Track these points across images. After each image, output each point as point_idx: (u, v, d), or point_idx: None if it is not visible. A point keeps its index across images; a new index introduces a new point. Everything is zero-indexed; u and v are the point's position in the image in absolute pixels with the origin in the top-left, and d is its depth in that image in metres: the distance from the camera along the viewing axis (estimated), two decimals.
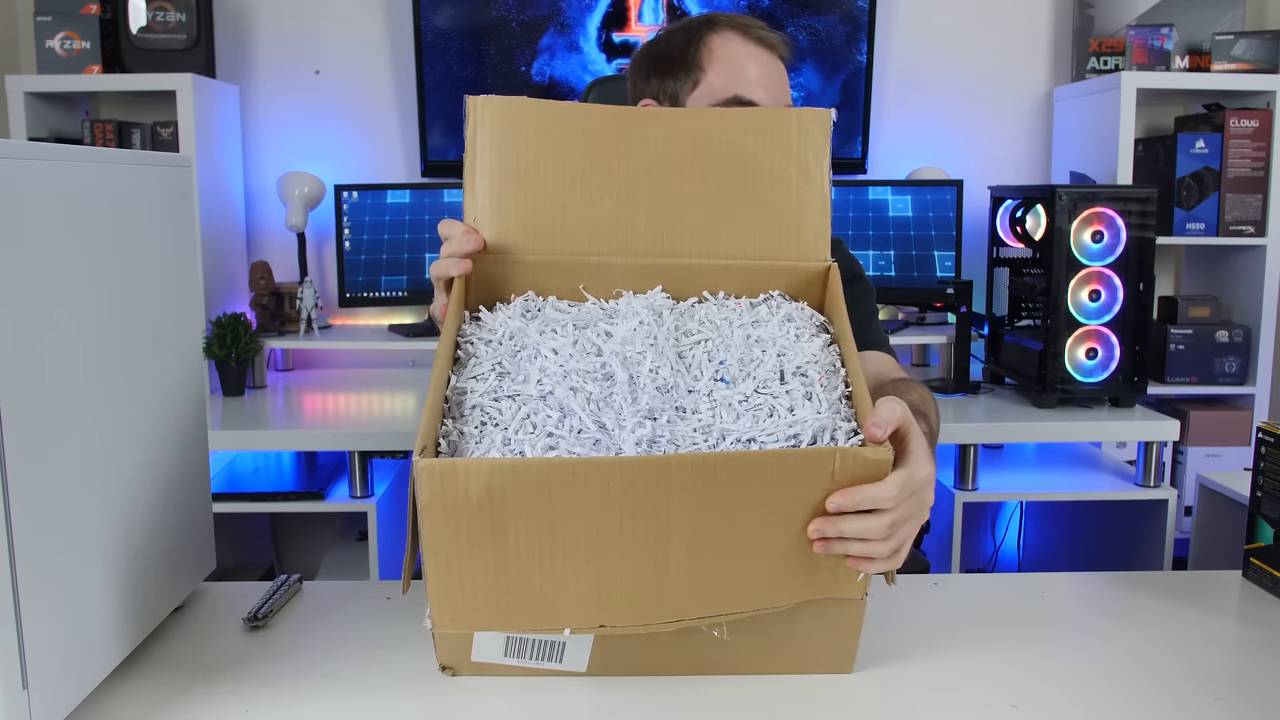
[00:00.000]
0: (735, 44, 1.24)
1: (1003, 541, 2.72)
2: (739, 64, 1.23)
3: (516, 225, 0.96)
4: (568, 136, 0.96)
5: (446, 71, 2.61)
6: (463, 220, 0.97)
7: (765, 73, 1.23)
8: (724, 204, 0.97)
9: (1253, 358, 2.53)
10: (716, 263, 0.97)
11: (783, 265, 0.97)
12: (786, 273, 0.97)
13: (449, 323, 0.90)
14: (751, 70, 1.22)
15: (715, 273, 0.97)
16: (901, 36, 2.75)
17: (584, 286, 0.96)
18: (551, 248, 0.96)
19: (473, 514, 0.75)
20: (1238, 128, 2.49)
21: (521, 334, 0.90)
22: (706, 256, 0.97)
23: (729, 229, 0.97)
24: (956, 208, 2.60)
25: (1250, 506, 1.11)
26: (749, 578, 0.80)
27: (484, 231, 0.95)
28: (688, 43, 1.26)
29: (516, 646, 0.85)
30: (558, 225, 0.96)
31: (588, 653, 0.86)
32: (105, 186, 0.85)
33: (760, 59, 1.23)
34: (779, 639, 0.87)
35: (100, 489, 0.84)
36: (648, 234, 0.96)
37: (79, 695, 0.81)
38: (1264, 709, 0.84)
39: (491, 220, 0.96)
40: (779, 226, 0.97)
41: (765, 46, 1.24)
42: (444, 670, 0.88)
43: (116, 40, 2.44)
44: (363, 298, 2.59)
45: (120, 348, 0.87)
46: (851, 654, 0.89)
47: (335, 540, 2.56)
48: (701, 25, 1.26)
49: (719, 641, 0.85)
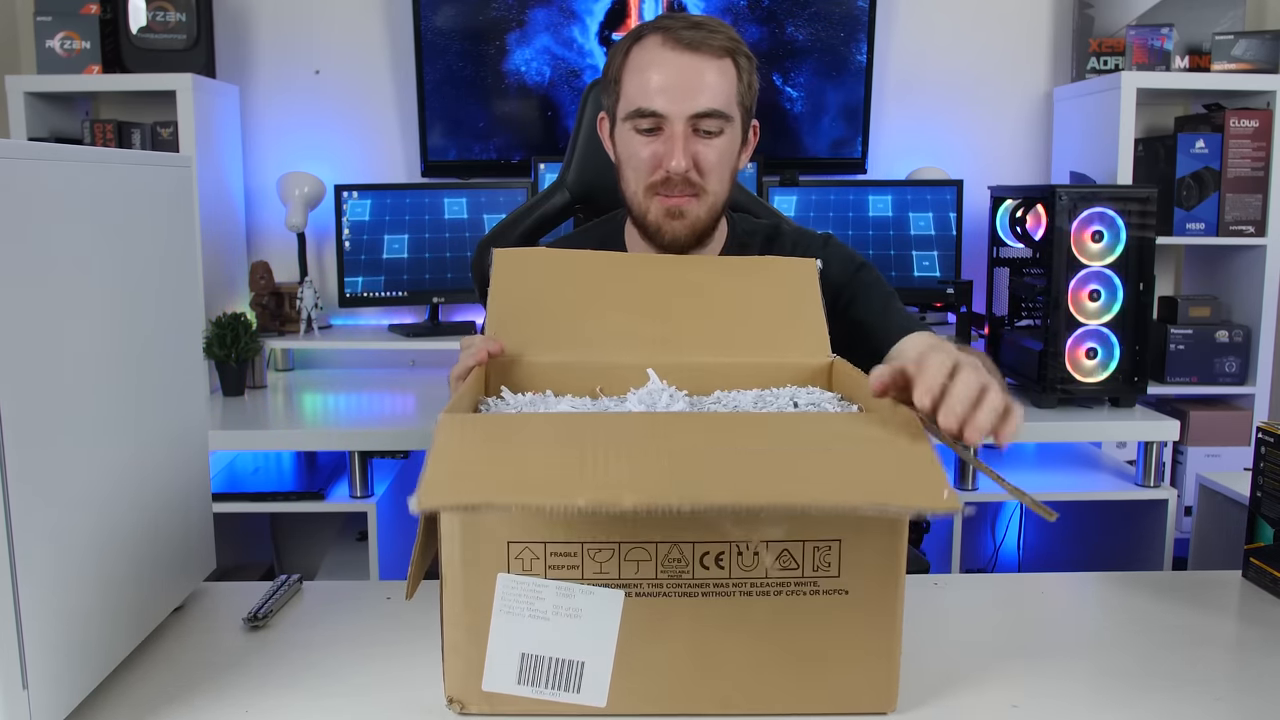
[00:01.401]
0: (650, 52, 1.18)
1: (1003, 542, 2.72)
2: (644, 74, 1.18)
3: (533, 338, 1.03)
4: (580, 274, 1.07)
5: (446, 71, 2.61)
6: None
7: (676, 77, 1.16)
8: (725, 318, 1.06)
9: (1253, 358, 2.53)
10: (726, 360, 1.03)
11: (787, 362, 1.03)
12: (792, 369, 1.03)
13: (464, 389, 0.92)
14: (655, 79, 1.17)
15: (725, 370, 1.03)
16: (901, 36, 2.75)
17: (600, 388, 1.01)
18: (567, 355, 1.02)
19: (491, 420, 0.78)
20: (1238, 128, 2.49)
21: (542, 401, 0.95)
22: (715, 355, 1.03)
23: (733, 335, 1.05)
24: (956, 208, 2.60)
25: (1250, 506, 1.11)
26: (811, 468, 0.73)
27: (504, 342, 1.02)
28: (614, 56, 1.23)
29: (531, 672, 0.80)
30: (573, 336, 1.04)
31: (608, 682, 0.80)
32: (105, 186, 0.85)
33: (673, 64, 1.16)
34: (811, 670, 0.81)
35: (100, 489, 0.84)
36: (657, 341, 1.04)
37: (79, 695, 0.81)
38: (1264, 709, 0.84)
39: (509, 336, 1.03)
40: (780, 332, 1.06)
41: (687, 48, 1.16)
42: (451, 705, 0.81)
43: (116, 40, 2.44)
44: (363, 298, 2.59)
45: (120, 347, 0.87)
46: (893, 686, 0.82)
47: (335, 540, 2.56)
48: (630, 36, 1.22)
49: (747, 673, 0.80)
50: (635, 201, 1.24)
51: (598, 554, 0.78)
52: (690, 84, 1.16)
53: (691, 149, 1.18)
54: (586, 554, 0.78)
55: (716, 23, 1.20)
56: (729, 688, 0.81)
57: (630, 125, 1.20)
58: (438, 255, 2.60)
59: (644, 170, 1.20)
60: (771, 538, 0.78)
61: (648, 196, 1.22)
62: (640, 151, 1.20)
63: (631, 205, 1.25)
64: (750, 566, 0.79)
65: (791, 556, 0.79)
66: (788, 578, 0.79)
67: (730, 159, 1.23)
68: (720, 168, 1.21)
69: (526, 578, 0.78)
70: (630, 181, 1.23)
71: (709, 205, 1.22)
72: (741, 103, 1.21)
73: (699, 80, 1.16)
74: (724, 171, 1.22)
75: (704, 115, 1.17)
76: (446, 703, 0.82)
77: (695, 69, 1.16)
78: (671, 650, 0.80)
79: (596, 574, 0.78)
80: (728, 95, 1.18)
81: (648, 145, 1.19)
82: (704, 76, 1.17)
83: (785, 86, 2.67)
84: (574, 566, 0.78)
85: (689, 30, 1.17)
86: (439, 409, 0.79)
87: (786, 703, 0.82)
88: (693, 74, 1.16)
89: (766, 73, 2.65)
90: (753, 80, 1.23)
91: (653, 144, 1.19)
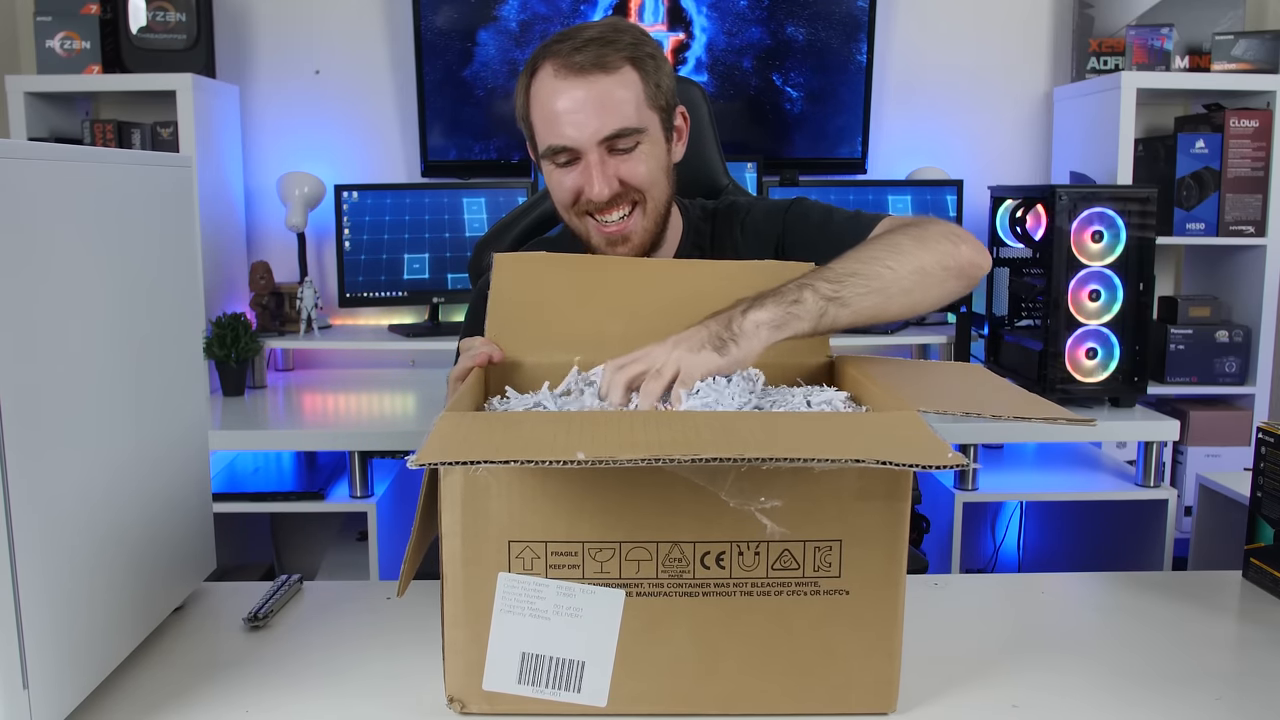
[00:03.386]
0: (546, 85, 1.15)
1: (1003, 542, 2.72)
2: (547, 109, 1.15)
3: (532, 340, 1.04)
4: (580, 277, 1.07)
5: (446, 71, 2.61)
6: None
7: (577, 106, 1.13)
8: None
9: (1253, 358, 2.53)
10: None
11: (788, 363, 1.04)
12: (794, 369, 1.04)
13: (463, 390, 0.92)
14: (558, 113, 1.14)
15: None
16: (901, 36, 2.75)
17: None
18: (567, 358, 1.03)
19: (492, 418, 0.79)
20: (1238, 128, 2.49)
21: (550, 399, 0.96)
22: None
23: None
24: (957, 208, 2.60)
25: (1250, 506, 1.11)
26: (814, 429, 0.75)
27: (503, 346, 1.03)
28: (519, 93, 1.20)
29: (531, 672, 0.80)
30: (572, 340, 1.04)
31: (608, 681, 0.80)
32: (105, 186, 0.85)
33: (570, 94, 1.13)
34: (811, 671, 0.81)
35: (100, 489, 0.84)
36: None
37: (79, 695, 0.81)
38: (1264, 709, 0.84)
39: (509, 339, 1.03)
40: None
41: (579, 73, 1.13)
42: (451, 704, 0.82)
43: (116, 40, 2.44)
44: (363, 298, 2.59)
45: (120, 348, 0.87)
46: (893, 686, 0.82)
47: (335, 540, 2.56)
48: (526, 69, 1.19)
49: (747, 674, 0.80)
50: (575, 229, 1.23)
51: (598, 553, 0.78)
52: (591, 109, 1.13)
53: (612, 170, 1.16)
54: (587, 553, 0.78)
55: (609, 29, 1.16)
56: (729, 688, 0.81)
57: (549, 162, 1.19)
58: (438, 255, 2.60)
59: (569, 202, 1.20)
60: (772, 502, 0.78)
61: (582, 221, 1.21)
62: (563, 183, 1.19)
63: (575, 233, 1.24)
64: (750, 566, 0.79)
65: (792, 556, 0.79)
66: (788, 578, 0.79)
67: (658, 162, 1.20)
68: (650, 175, 1.19)
69: (527, 577, 0.78)
70: (563, 213, 1.23)
71: (651, 213, 1.21)
72: (654, 104, 1.18)
73: (600, 104, 1.13)
74: (656, 175, 1.20)
75: (614, 136, 1.15)
76: (447, 702, 0.82)
77: (594, 93, 1.13)
78: (672, 650, 0.80)
79: (597, 574, 0.78)
80: (635, 105, 1.15)
81: (568, 176, 1.18)
82: (605, 98, 1.13)
83: (785, 86, 2.67)
84: (574, 566, 0.78)
85: (579, 53, 1.13)
86: (439, 409, 0.79)
87: (787, 703, 0.82)
88: (592, 99, 1.13)
89: (766, 73, 2.65)
90: (662, 74, 1.19)
91: (572, 174, 1.18)
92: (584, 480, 0.77)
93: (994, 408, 0.85)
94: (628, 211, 1.19)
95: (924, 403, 0.83)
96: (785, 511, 0.78)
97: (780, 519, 0.78)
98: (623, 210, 1.19)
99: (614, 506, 0.78)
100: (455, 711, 0.82)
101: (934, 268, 1.04)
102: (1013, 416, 0.83)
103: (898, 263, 1.02)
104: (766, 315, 0.93)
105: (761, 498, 0.77)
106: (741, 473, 0.77)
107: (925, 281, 1.04)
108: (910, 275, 1.02)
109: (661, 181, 1.21)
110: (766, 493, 0.77)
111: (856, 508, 0.78)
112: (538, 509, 0.78)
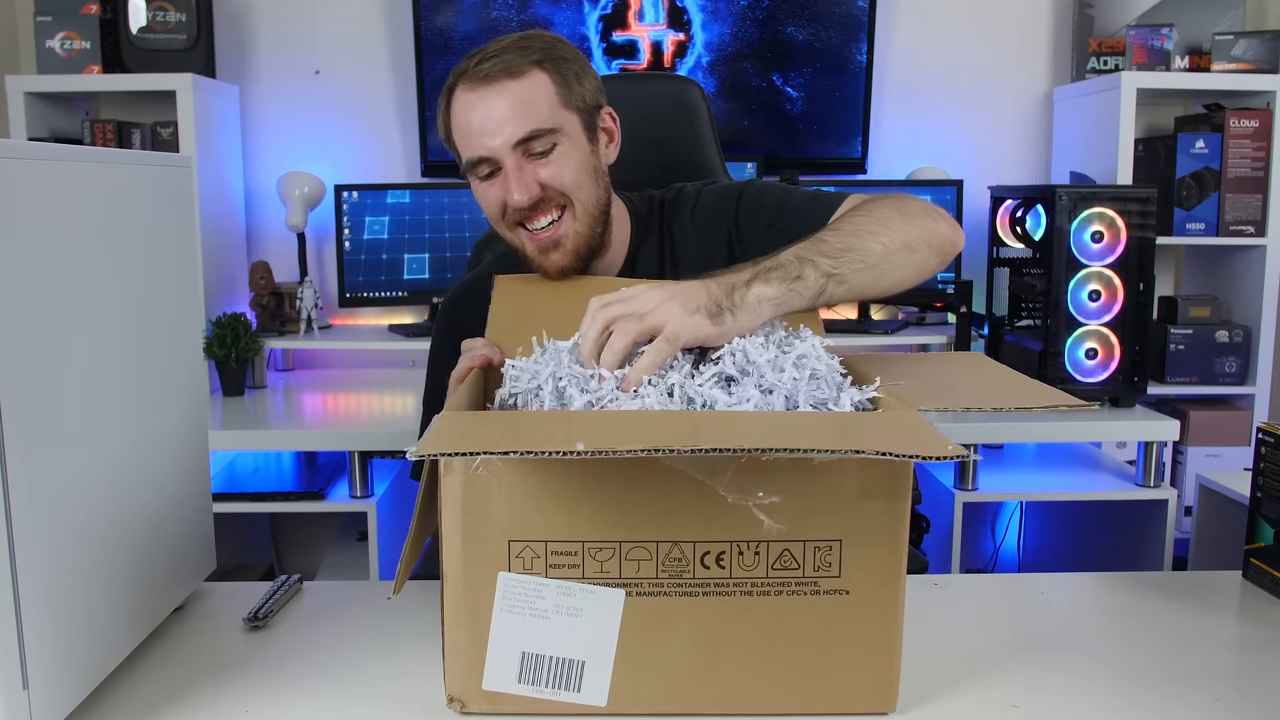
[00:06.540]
0: (459, 102, 1.15)
1: (1003, 542, 2.72)
2: (462, 124, 1.15)
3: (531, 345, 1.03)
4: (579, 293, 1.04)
5: (446, 71, 2.59)
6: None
7: (486, 114, 1.13)
8: None
9: (1253, 358, 2.53)
10: None
11: None
12: None
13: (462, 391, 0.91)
14: (474, 118, 1.14)
15: None
16: (901, 36, 2.75)
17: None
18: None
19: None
20: (1238, 128, 2.49)
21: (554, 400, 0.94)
22: None
23: None
24: (957, 208, 2.60)
25: (1250, 506, 1.11)
26: (814, 423, 0.76)
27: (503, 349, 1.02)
28: (440, 119, 1.20)
29: (531, 671, 0.80)
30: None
31: (608, 681, 0.81)
32: (105, 186, 0.85)
33: (479, 104, 1.13)
34: (811, 670, 0.81)
35: (100, 489, 0.84)
36: None
37: (79, 695, 0.81)
38: (1264, 709, 0.84)
39: (509, 343, 1.02)
40: None
41: (485, 82, 1.13)
42: (451, 704, 0.82)
43: (116, 40, 2.44)
44: (363, 298, 2.59)
45: (120, 348, 0.87)
46: (893, 686, 0.82)
47: (335, 540, 2.56)
48: (444, 95, 1.19)
49: (747, 673, 0.80)
50: (510, 243, 1.22)
51: (598, 553, 0.78)
52: (500, 115, 1.13)
53: (530, 175, 1.14)
54: (587, 553, 0.78)
55: (518, 39, 1.16)
56: (729, 688, 0.81)
57: (474, 177, 1.18)
58: (437, 255, 2.60)
59: (497, 215, 1.19)
60: (770, 498, 0.77)
61: (514, 233, 1.19)
62: (487, 197, 1.18)
63: (511, 247, 1.22)
64: (751, 566, 0.79)
65: (792, 556, 0.79)
66: (788, 578, 0.79)
67: (581, 163, 1.17)
68: (574, 177, 1.16)
69: (527, 577, 0.78)
70: (496, 228, 1.22)
71: (583, 216, 1.18)
72: (570, 104, 1.16)
73: (508, 108, 1.13)
74: (580, 178, 1.17)
75: (527, 139, 1.13)
76: (447, 702, 0.82)
77: (500, 98, 1.13)
78: (672, 650, 0.80)
79: (597, 573, 0.78)
80: (547, 106, 1.14)
81: (491, 189, 1.17)
82: (512, 102, 1.13)
83: (785, 86, 2.67)
84: (575, 566, 0.78)
85: (486, 64, 1.13)
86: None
87: (787, 703, 0.82)
88: (499, 105, 1.13)
89: (767, 73, 2.65)
90: (579, 76, 1.18)
91: (494, 187, 1.17)
92: (584, 479, 0.77)
93: (994, 400, 0.85)
94: (556, 217, 1.17)
95: (924, 401, 0.83)
96: (784, 509, 0.78)
97: (779, 516, 0.78)
98: (550, 216, 1.17)
99: (614, 506, 0.78)
100: (455, 711, 0.82)
101: (919, 243, 1.04)
102: (1013, 408, 0.83)
103: (889, 238, 1.02)
104: (772, 292, 0.92)
105: (760, 493, 0.77)
106: (741, 465, 0.77)
107: (911, 258, 1.03)
108: (899, 251, 1.02)
109: (588, 184, 1.18)
110: (765, 488, 0.77)
111: (857, 507, 0.78)
112: (538, 508, 0.78)
